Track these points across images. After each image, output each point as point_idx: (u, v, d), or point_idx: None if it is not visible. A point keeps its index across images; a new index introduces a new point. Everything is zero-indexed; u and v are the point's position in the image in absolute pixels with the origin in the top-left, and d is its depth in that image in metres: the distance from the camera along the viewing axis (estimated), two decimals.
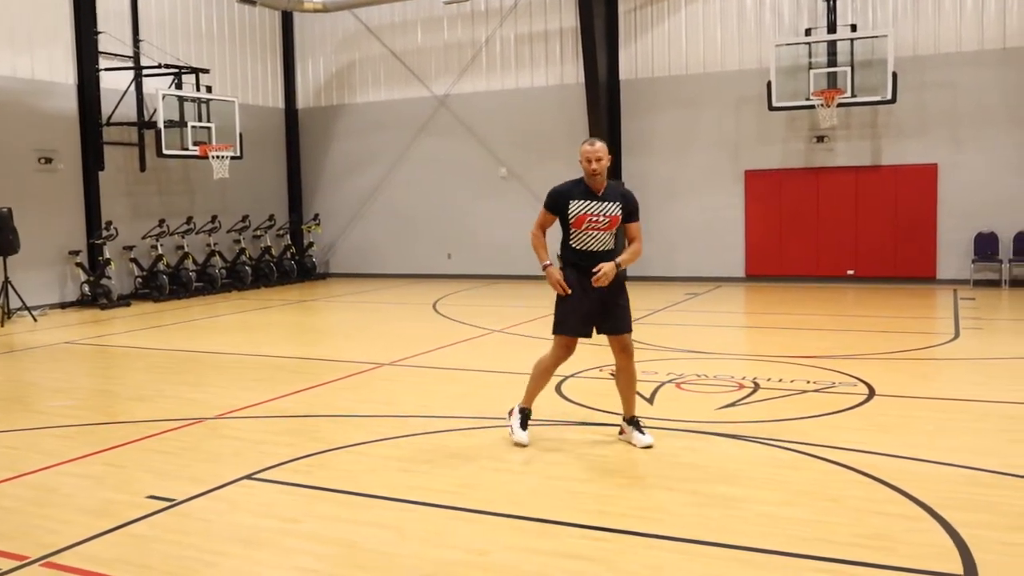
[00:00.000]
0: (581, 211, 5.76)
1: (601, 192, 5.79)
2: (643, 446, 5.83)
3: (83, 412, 7.41)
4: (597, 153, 5.73)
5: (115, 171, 16.12)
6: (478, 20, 18.70)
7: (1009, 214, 14.98)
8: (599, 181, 5.76)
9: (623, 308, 5.89)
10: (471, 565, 4.04)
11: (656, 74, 17.28)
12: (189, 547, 4.33)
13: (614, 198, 5.80)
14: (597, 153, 5.73)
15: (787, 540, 4.23)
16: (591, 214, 5.75)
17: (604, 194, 5.79)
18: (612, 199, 5.79)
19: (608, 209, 5.76)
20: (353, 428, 6.67)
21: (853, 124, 15.88)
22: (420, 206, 19.40)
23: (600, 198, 5.78)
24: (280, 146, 20.40)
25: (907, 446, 5.74)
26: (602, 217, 5.75)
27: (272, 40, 20.08)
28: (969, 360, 8.98)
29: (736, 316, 13.38)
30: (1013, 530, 4.29)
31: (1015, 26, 14.82)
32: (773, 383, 7.75)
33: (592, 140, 5.83)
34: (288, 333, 12.53)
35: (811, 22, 15.87)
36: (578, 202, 5.79)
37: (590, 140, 5.83)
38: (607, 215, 5.75)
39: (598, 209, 5.75)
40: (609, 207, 5.76)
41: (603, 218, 5.75)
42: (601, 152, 5.75)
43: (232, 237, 18.28)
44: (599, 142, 5.80)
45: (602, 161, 5.73)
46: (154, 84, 16.12)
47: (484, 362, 9.32)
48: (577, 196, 5.81)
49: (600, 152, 5.75)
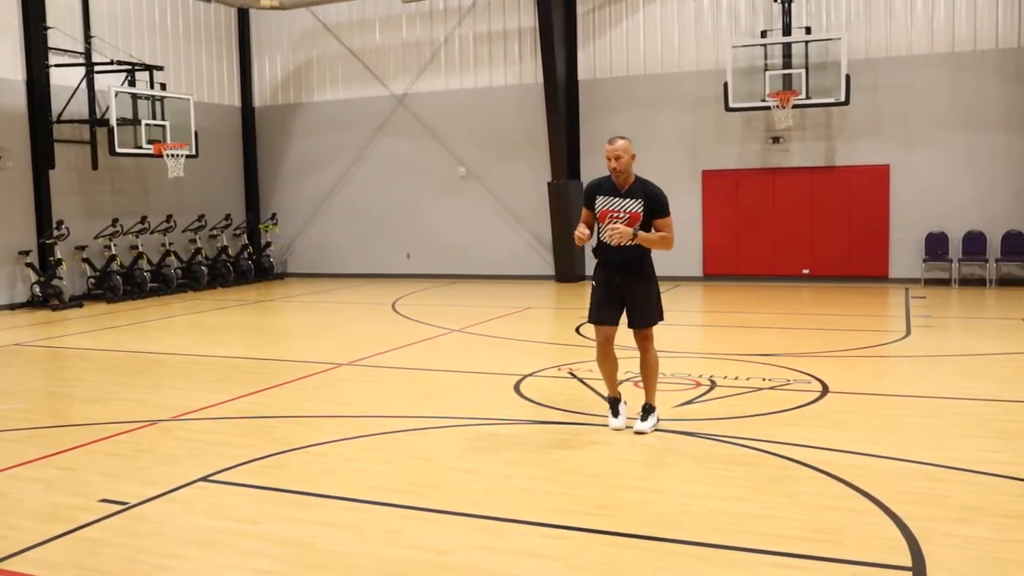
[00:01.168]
0: (604, 207, 5.97)
1: (626, 189, 5.92)
2: (635, 431, 6.07)
3: (33, 415, 7.26)
4: (616, 151, 5.86)
5: (66, 169, 15.81)
6: (437, 19, 18.66)
7: (958, 215, 15.33)
8: (622, 178, 5.91)
9: (643, 299, 6.04)
10: (430, 564, 4.04)
11: (614, 74, 17.39)
12: (142, 550, 4.27)
13: (637, 195, 5.92)
14: (616, 151, 5.86)
15: (740, 535, 4.29)
16: (612, 210, 5.93)
17: (629, 191, 5.92)
18: (635, 196, 5.91)
19: (629, 206, 5.90)
20: (311, 429, 6.62)
21: (808, 125, 16.12)
22: (379, 205, 19.31)
23: (624, 195, 5.92)
24: (236, 145, 20.16)
25: (859, 442, 5.85)
26: (622, 213, 5.90)
27: (228, 37, 19.83)
28: (920, 357, 9.17)
29: (693, 315, 13.52)
30: (960, 522, 4.40)
31: (963, 31, 15.17)
32: (729, 381, 7.85)
33: (613, 139, 5.93)
34: (245, 334, 12.40)
35: (767, 24, 16.09)
36: (603, 198, 5.99)
37: (611, 139, 5.94)
38: (627, 211, 5.90)
39: (619, 205, 5.92)
40: (630, 203, 5.91)
41: (623, 214, 5.90)
42: (620, 150, 5.85)
43: (188, 237, 18.03)
44: (620, 140, 5.90)
45: (621, 159, 5.85)
46: (106, 81, 15.82)
47: (443, 362, 9.30)
48: (604, 192, 5.99)
49: (619, 150, 5.85)
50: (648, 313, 6.08)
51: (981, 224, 15.23)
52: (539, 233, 17.85)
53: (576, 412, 6.76)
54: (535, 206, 17.77)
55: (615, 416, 6.24)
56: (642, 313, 6.07)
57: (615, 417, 6.24)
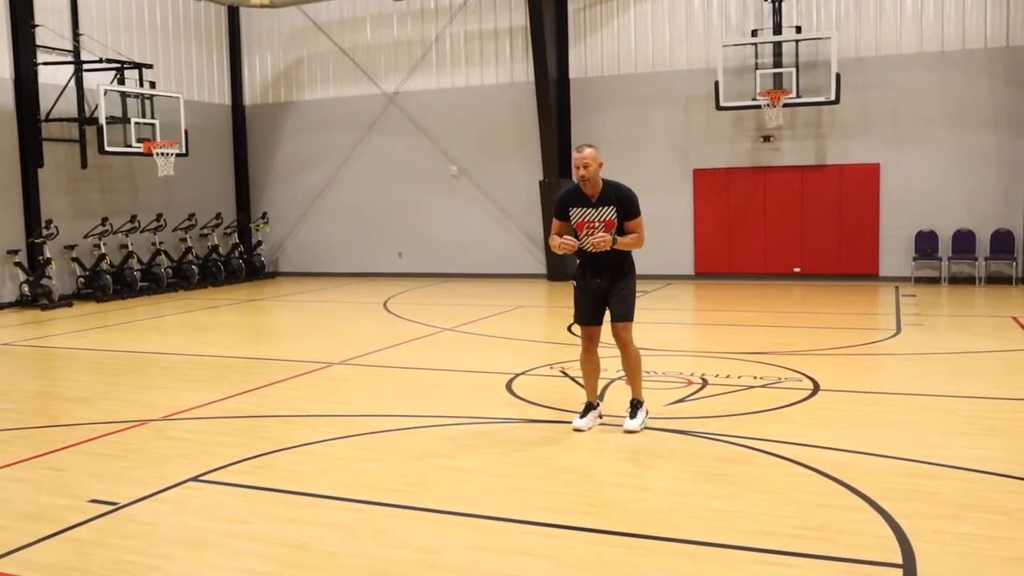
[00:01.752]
0: (580, 218, 6.00)
1: (596, 197, 5.93)
2: (624, 430, 6.10)
3: (22, 415, 7.23)
4: (584, 159, 5.85)
5: (55, 168, 15.74)
6: (428, 18, 18.63)
7: (948, 213, 15.40)
8: (590, 186, 5.91)
9: (621, 295, 6.05)
10: (421, 564, 4.04)
11: (606, 73, 17.40)
12: (132, 551, 4.26)
13: (610, 202, 5.92)
14: (584, 159, 5.85)
15: (731, 533, 4.30)
16: (588, 221, 5.97)
17: (600, 198, 5.93)
18: (608, 203, 5.92)
19: (603, 214, 5.93)
20: (302, 428, 6.61)
21: (798, 124, 16.17)
22: (370, 204, 19.28)
23: (595, 203, 5.93)
24: (227, 143, 20.10)
25: (849, 439, 5.87)
26: (597, 223, 5.94)
27: (218, 35, 19.76)
28: (910, 355, 9.20)
29: (685, 313, 13.54)
30: (949, 519, 4.42)
31: (952, 30, 15.23)
32: (721, 379, 7.86)
33: (581, 147, 5.92)
34: (236, 333, 12.36)
35: (757, 23, 16.12)
36: (577, 209, 6.01)
37: (579, 147, 5.94)
38: (602, 220, 5.93)
39: (594, 215, 5.94)
40: (604, 212, 5.93)
41: (597, 223, 5.94)
42: (588, 158, 5.84)
43: (178, 236, 17.97)
44: (587, 148, 5.89)
45: (589, 167, 5.85)
46: (95, 79, 15.74)
47: (434, 361, 9.29)
48: (576, 203, 6.00)
49: (587, 158, 5.84)
50: (627, 307, 6.09)
51: (970, 223, 15.30)
52: (531, 232, 17.86)
53: (568, 411, 6.76)
54: (526, 205, 17.77)
55: (582, 417, 6.20)
56: (622, 307, 6.07)
57: (581, 418, 6.19)
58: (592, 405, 6.30)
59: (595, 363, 6.27)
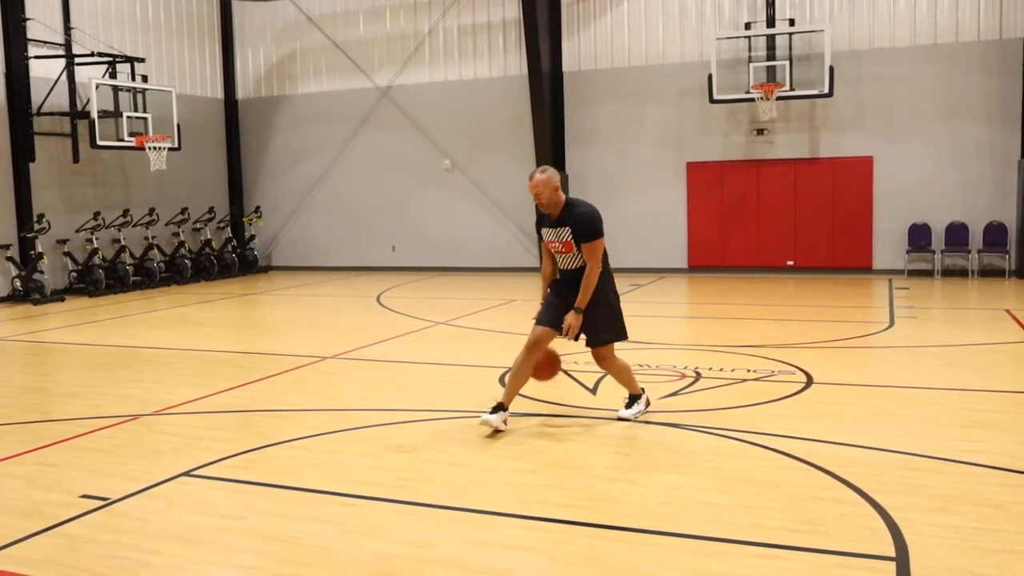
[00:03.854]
0: (546, 238, 5.95)
1: (556, 218, 5.83)
2: (618, 417, 6.17)
3: (13, 410, 7.20)
4: (536, 188, 5.75)
5: (47, 162, 15.66)
6: (421, 11, 18.57)
7: (941, 206, 15.42)
8: (549, 210, 5.82)
9: (594, 318, 5.91)
10: (414, 558, 4.03)
11: (599, 66, 17.37)
12: (123, 547, 4.24)
13: (566, 223, 5.80)
14: (536, 188, 5.75)
15: (724, 527, 4.29)
16: (551, 241, 5.92)
17: (559, 219, 5.82)
18: (564, 224, 5.80)
19: (562, 235, 5.83)
20: (295, 423, 6.59)
21: (792, 117, 16.16)
22: (363, 198, 19.24)
23: (555, 223, 5.84)
24: (220, 137, 20.02)
25: (842, 432, 5.87)
26: (558, 244, 5.86)
27: (211, 28, 19.67)
28: (902, 348, 9.22)
29: (679, 307, 13.55)
30: (942, 512, 4.42)
31: (945, 23, 15.23)
32: (714, 372, 7.87)
33: (532, 173, 5.80)
34: (229, 327, 12.33)
35: (751, 16, 16.10)
36: (545, 229, 5.94)
37: (531, 173, 5.82)
38: (560, 241, 5.84)
39: (554, 236, 5.87)
40: (561, 232, 5.82)
41: (558, 243, 5.86)
42: (539, 186, 5.72)
43: (171, 230, 17.91)
44: (539, 174, 5.75)
45: (542, 195, 5.74)
46: (87, 73, 15.67)
47: (428, 354, 9.28)
48: (544, 222, 5.94)
49: (537, 186, 5.73)
50: (598, 333, 5.94)
51: (963, 215, 15.32)
52: (524, 225, 17.82)
53: (561, 404, 6.75)
54: (520, 198, 17.72)
55: (491, 412, 5.90)
56: (594, 333, 5.94)
57: (491, 413, 5.89)
58: (503, 406, 5.95)
59: (527, 370, 5.93)
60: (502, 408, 5.99)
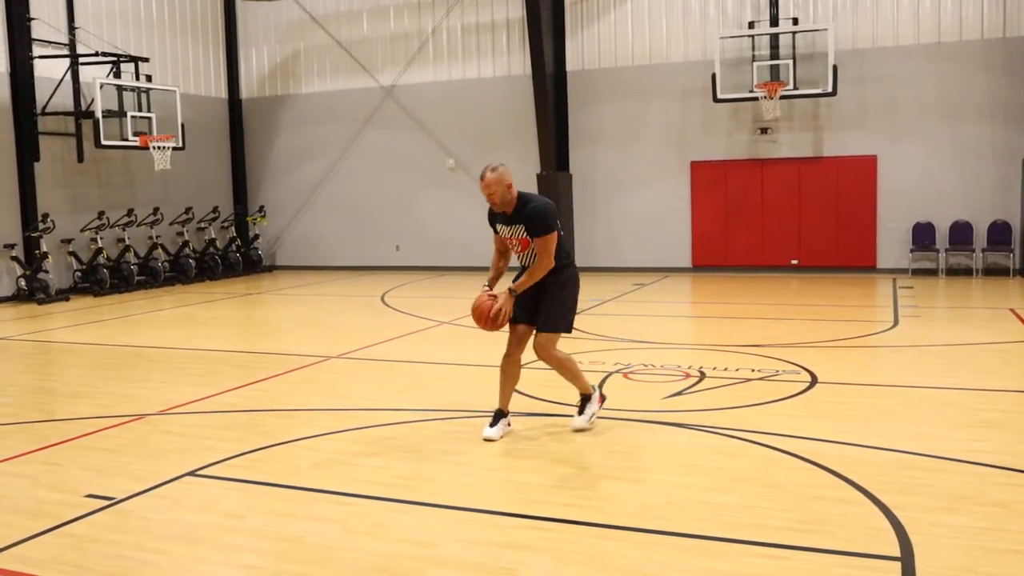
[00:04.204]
0: (501, 234, 5.87)
1: (511, 214, 5.73)
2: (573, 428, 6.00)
3: (18, 410, 7.21)
4: (488, 188, 5.60)
5: (51, 162, 15.68)
6: (424, 10, 18.57)
7: (945, 205, 15.38)
8: (503, 207, 5.69)
9: (549, 303, 5.78)
10: (417, 558, 4.03)
11: (603, 65, 17.36)
12: (128, 546, 4.25)
13: (520, 219, 5.70)
14: (488, 188, 5.60)
15: (727, 526, 4.29)
16: (507, 237, 5.84)
17: (513, 215, 5.72)
18: (519, 220, 5.70)
19: (516, 232, 5.74)
20: (299, 422, 6.60)
21: (795, 116, 16.14)
22: (367, 198, 19.25)
23: (510, 220, 5.75)
24: (224, 137, 20.04)
25: (846, 432, 5.87)
26: (514, 240, 5.79)
27: (215, 28, 19.69)
28: (907, 347, 9.21)
29: (683, 306, 13.54)
30: (946, 512, 4.42)
31: (948, 22, 15.19)
32: (719, 372, 7.86)
33: (484, 173, 5.63)
34: (233, 327, 12.35)
35: (754, 15, 16.08)
36: (500, 225, 5.86)
37: (481, 173, 5.65)
38: (516, 238, 5.76)
39: (510, 232, 5.79)
40: (516, 230, 5.73)
41: (515, 241, 5.79)
42: (491, 185, 5.58)
43: (175, 229, 17.94)
44: (490, 173, 5.60)
45: (494, 194, 5.61)
46: (91, 72, 15.69)
47: (432, 354, 9.29)
48: (499, 218, 5.84)
49: (489, 186, 5.59)
50: (551, 320, 5.79)
51: (967, 214, 15.29)
52: None
53: (564, 404, 6.74)
54: None
55: (491, 426, 5.89)
56: (545, 319, 5.80)
57: (491, 427, 5.88)
58: (502, 413, 5.96)
59: (515, 369, 5.94)
60: (501, 415, 5.97)
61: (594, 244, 17.29)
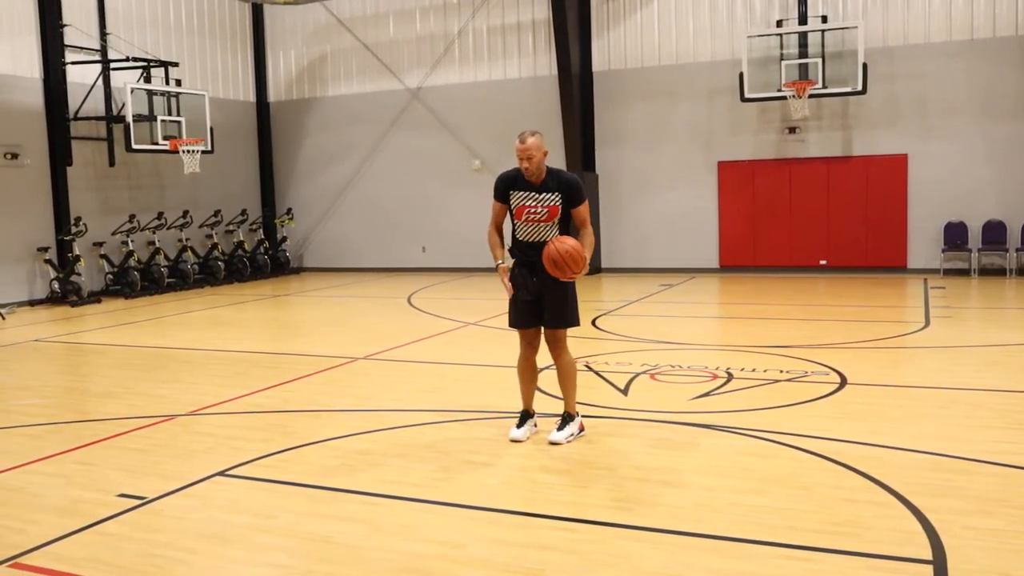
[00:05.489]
0: (520, 202, 5.73)
1: (540, 183, 5.69)
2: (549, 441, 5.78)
3: (52, 410, 7.32)
4: (528, 151, 5.57)
5: (83, 166, 15.92)
6: (450, 12, 18.63)
7: (978, 204, 15.18)
8: (535, 175, 5.67)
9: (558, 298, 5.73)
10: (445, 558, 4.04)
11: (629, 65, 17.31)
12: (160, 545, 4.30)
13: (553, 188, 5.67)
14: (528, 151, 5.57)
15: (757, 528, 4.26)
16: (529, 206, 5.70)
17: (543, 184, 5.68)
18: (551, 190, 5.66)
19: (546, 200, 5.67)
20: (327, 423, 6.64)
21: (824, 115, 16.00)
22: (394, 199, 19.33)
23: (539, 189, 5.69)
24: (252, 140, 20.23)
25: (877, 433, 5.80)
26: (540, 208, 5.68)
27: (242, 33, 19.89)
28: (938, 348, 9.09)
29: (710, 307, 13.46)
30: (979, 515, 4.36)
31: (982, 18, 14.99)
32: (746, 373, 7.81)
33: (523, 136, 5.60)
34: (262, 328, 12.45)
35: (782, 13, 15.96)
36: (519, 193, 5.73)
37: (521, 135, 5.62)
38: (545, 206, 5.68)
39: (536, 200, 5.68)
40: (547, 198, 5.67)
41: (541, 209, 5.68)
42: (531, 149, 5.56)
43: (204, 232, 18.13)
44: (530, 137, 5.58)
45: (533, 159, 5.57)
46: (122, 78, 15.91)
47: (458, 355, 9.31)
48: (519, 187, 5.74)
49: (530, 149, 5.56)
50: (562, 312, 5.75)
51: (1000, 213, 15.07)
52: None
53: (591, 405, 6.74)
54: None
55: (518, 427, 5.90)
56: (557, 312, 5.76)
57: (518, 427, 5.90)
58: (528, 414, 5.98)
59: (532, 369, 5.95)
60: (527, 416, 5.98)
61: (620, 245, 17.24)
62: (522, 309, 5.82)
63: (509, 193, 5.77)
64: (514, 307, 5.88)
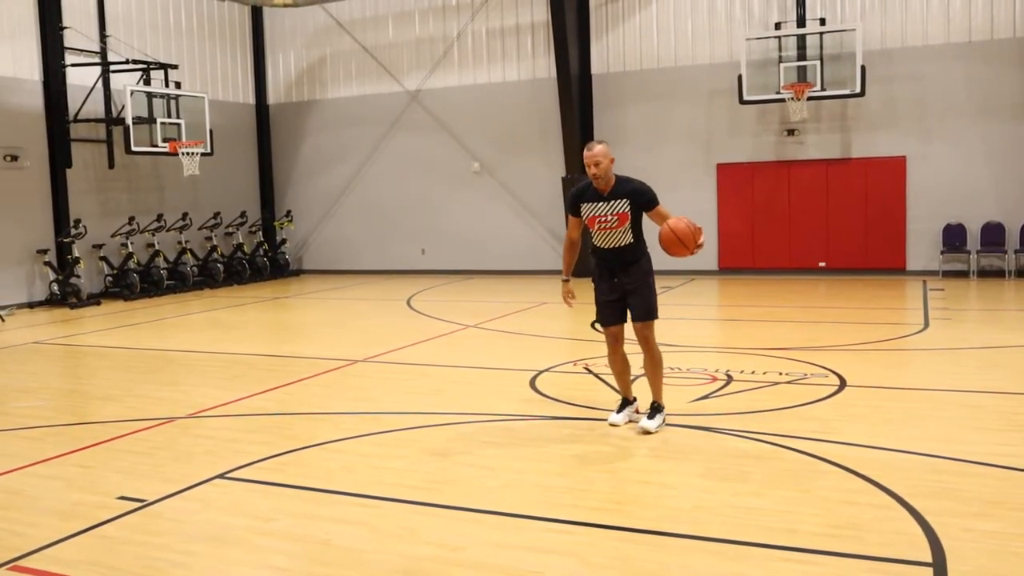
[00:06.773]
0: (591, 213, 5.99)
1: (608, 191, 5.91)
2: (640, 429, 6.02)
3: (52, 413, 7.32)
4: (595, 157, 5.86)
5: (83, 168, 15.93)
6: (450, 14, 18.64)
7: (976, 206, 15.19)
8: (603, 183, 5.92)
9: (643, 295, 6.06)
10: (443, 561, 4.04)
11: (628, 68, 17.32)
12: (159, 548, 4.30)
13: (622, 195, 5.91)
14: (595, 157, 5.86)
15: (756, 531, 4.26)
16: (599, 215, 5.96)
17: (612, 193, 5.92)
18: (620, 197, 5.91)
19: (615, 207, 5.91)
20: (327, 425, 6.64)
21: (823, 117, 16.01)
22: (393, 201, 19.34)
23: (607, 198, 5.92)
24: (251, 142, 20.23)
25: (877, 436, 5.81)
26: (610, 216, 5.93)
27: (242, 35, 19.90)
28: (938, 350, 9.09)
29: (709, 309, 13.46)
30: (979, 517, 4.36)
31: (980, 20, 15.01)
32: (746, 375, 7.81)
33: (591, 144, 5.93)
34: (261, 331, 12.45)
35: (781, 16, 15.98)
36: (588, 204, 6.00)
37: (589, 144, 5.94)
38: (614, 213, 5.92)
39: (605, 209, 5.93)
40: (616, 205, 5.91)
41: (611, 217, 5.92)
42: (599, 155, 5.85)
43: (203, 234, 18.13)
44: (598, 145, 5.90)
45: (601, 164, 5.85)
46: (122, 80, 15.91)
47: (458, 358, 9.30)
48: (588, 198, 6.00)
49: (598, 156, 5.85)
50: (648, 307, 6.08)
51: (999, 215, 15.08)
52: (554, 228, 17.81)
53: (591, 407, 6.74)
54: (549, 201, 17.73)
55: (617, 412, 6.25)
56: (643, 307, 6.07)
57: (617, 413, 6.24)
58: (627, 401, 6.32)
59: (623, 361, 6.28)
60: (627, 402, 6.27)
61: None
62: (606, 308, 6.16)
63: (579, 206, 6.05)
64: (600, 307, 6.22)
